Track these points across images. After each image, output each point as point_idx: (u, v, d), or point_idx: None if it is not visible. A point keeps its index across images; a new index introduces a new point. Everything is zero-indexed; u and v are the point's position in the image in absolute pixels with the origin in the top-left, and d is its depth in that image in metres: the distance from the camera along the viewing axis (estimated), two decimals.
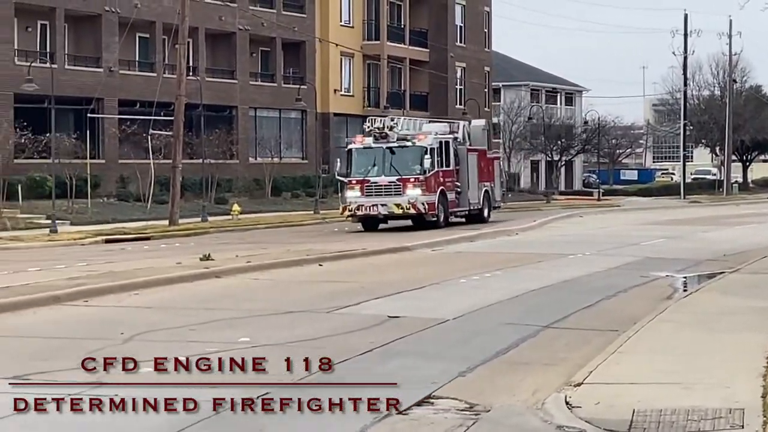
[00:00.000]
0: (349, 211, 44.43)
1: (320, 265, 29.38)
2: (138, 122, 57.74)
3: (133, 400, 11.90)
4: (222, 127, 64.35)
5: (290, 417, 11.41)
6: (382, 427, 10.65)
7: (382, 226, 45.88)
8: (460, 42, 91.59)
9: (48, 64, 55.61)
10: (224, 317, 19.67)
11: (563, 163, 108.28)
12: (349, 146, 46.74)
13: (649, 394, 11.92)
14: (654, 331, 17.42)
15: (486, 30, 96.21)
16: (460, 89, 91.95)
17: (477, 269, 29.38)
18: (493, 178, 51.37)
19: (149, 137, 55.75)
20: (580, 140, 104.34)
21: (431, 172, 44.05)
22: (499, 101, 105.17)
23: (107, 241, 40.43)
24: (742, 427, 10.48)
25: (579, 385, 12.49)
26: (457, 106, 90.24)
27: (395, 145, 44.32)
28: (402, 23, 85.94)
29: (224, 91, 63.19)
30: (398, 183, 43.65)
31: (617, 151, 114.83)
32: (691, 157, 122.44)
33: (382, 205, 43.46)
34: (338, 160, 48.31)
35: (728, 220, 56.65)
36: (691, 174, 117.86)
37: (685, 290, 25.49)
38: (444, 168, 46.11)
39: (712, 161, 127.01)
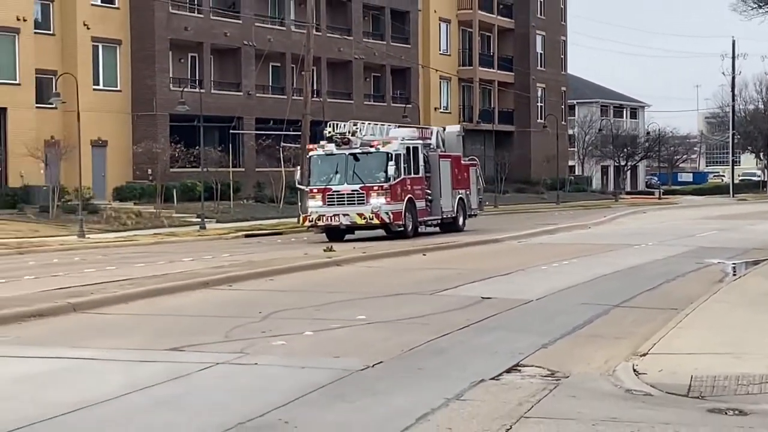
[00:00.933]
0: (310, 221, 36.17)
1: (424, 254, 29.32)
2: (271, 137, 58.56)
3: (270, 366, 12.20)
4: None
5: (400, 381, 11.45)
6: (478, 390, 10.52)
7: (348, 236, 37.32)
8: (540, 66, 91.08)
9: (197, 89, 56.77)
10: (343, 299, 19.63)
11: (629, 167, 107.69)
12: (310, 153, 37.65)
13: (705, 363, 11.78)
14: (708, 310, 17.15)
15: (562, 56, 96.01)
16: (541, 106, 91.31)
17: (556, 258, 29.03)
18: (468, 185, 42.25)
19: (281, 149, 56.33)
20: (643, 148, 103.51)
21: (397, 180, 35.65)
22: (574, 116, 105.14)
23: (246, 236, 41.07)
24: None
25: (644, 355, 12.37)
26: (538, 120, 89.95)
27: (358, 151, 36.06)
28: (491, 51, 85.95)
29: (343, 110, 63.48)
30: (361, 192, 35.40)
31: (675, 157, 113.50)
32: (739, 161, 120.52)
33: (344, 215, 35.27)
34: (297, 168, 39.44)
35: None
36: (739, 176, 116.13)
37: (734, 275, 24.95)
38: (412, 175, 37.51)
39: (756, 165, 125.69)
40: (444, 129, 43.58)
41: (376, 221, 34.36)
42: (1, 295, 19.40)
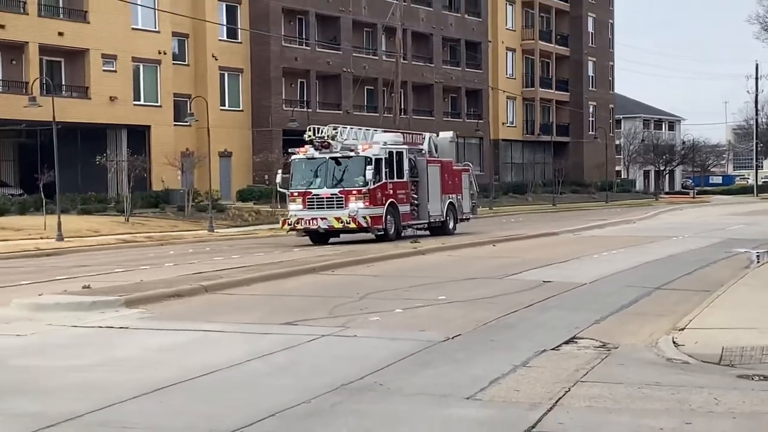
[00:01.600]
0: (288, 224, 30.78)
1: (494, 245, 28.96)
2: None
3: (367, 338, 12.24)
4: None
5: (475, 351, 11.40)
6: (541, 359, 10.45)
7: (333, 239, 31.97)
8: (592, 87, 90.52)
9: (305, 109, 57.72)
10: (427, 282, 19.36)
11: (666, 171, 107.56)
12: (292, 157, 32.27)
13: (734, 336, 11.45)
14: (736, 291, 16.59)
15: (610, 78, 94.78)
16: (592, 120, 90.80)
17: (605, 248, 28.23)
18: (460, 190, 36.32)
19: None
20: (680, 155, 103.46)
21: (377, 184, 30.13)
22: (620, 128, 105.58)
23: None
24: None
25: (683, 329, 12.05)
26: (590, 132, 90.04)
27: (338, 155, 30.61)
28: (550, 75, 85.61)
29: (425, 126, 63.49)
30: (340, 195, 30.04)
31: (707, 162, 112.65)
32: (762, 166, 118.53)
33: (322, 218, 30.07)
34: (279, 171, 33.69)
35: None
36: (762, 179, 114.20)
37: (758, 262, 24.33)
38: (395, 179, 31.78)
39: None
40: (437, 135, 38.47)
41: (352, 225, 29.13)
42: (147, 278, 19.67)
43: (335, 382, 8.68)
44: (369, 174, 28.60)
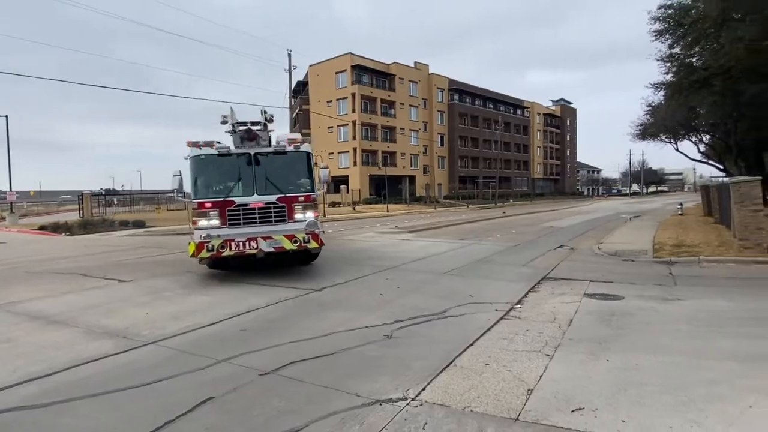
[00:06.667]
0: (209, 250, 11.16)
1: (504, 213, 31.64)
2: None
3: (485, 244, 16.46)
4: None
5: (525, 248, 15.77)
6: (549, 253, 14.63)
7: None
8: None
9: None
10: (495, 229, 23.50)
11: (597, 187, 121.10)
12: (193, 153, 11.81)
13: (621, 246, 15.58)
14: (621, 230, 21.13)
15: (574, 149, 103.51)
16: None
17: (571, 215, 33.17)
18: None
19: None
20: (602, 182, 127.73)
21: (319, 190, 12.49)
22: (578, 175, 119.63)
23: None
24: (646, 253, 14.07)
25: (602, 243, 16.58)
26: (567, 175, 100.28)
27: (269, 150, 12.14)
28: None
29: None
30: (280, 204, 11.83)
31: (612, 185, 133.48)
32: (631, 186, 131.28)
33: (265, 238, 11.46)
34: (173, 176, 11.92)
35: None
36: (631, 192, 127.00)
37: (630, 220, 27.99)
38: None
39: None
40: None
41: (314, 245, 11.84)
42: (416, 224, 25.29)
43: (477, 257, 13.74)
44: (323, 175, 13.22)
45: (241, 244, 11.16)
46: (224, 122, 11.94)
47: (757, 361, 6.20)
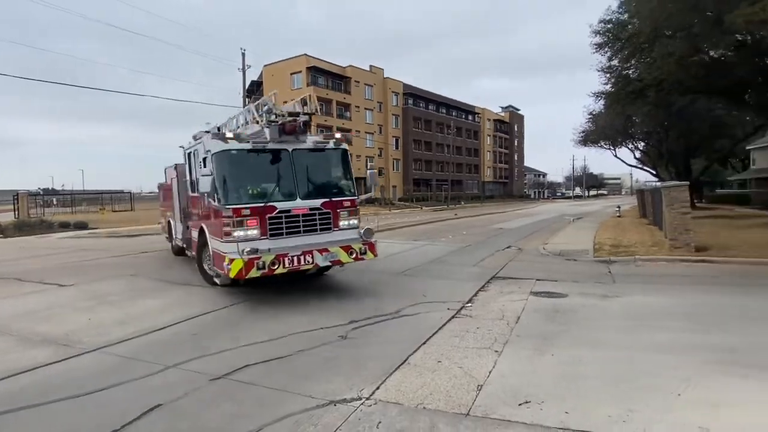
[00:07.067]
0: (259, 268, 8.37)
1: (456, 215, 31.90)
2: None
3: (437, 245, 16.46)
4: None
5: (478, 248, 16.23)
6: (498, 253, 14.92)
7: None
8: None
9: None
10: (448, 230, 23.36)
11: (544, 190, 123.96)
12: (220, 148, 8.89)
13: (563, 246, 15.92)
14: (564, 231, 21.52)
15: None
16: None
17: (518, 217, 33.54)
18: None
19: None
20: (547, 185, 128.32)
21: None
22: (526, 178, 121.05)
23: None
24: (588, 253, 14.48)
25: (546, 244, 16.84)
26: (516, 179, 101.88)
27: (309, 146, 9.52)
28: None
29: None
30: (325, 210, 9.43)
31: (557, 189, 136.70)
32: (574, 190, 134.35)
33: (321, 250, 8.98)
34: (202, 176, 8.79)
35: None
36: (574, 195, 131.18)
37: (573, 221, 28.50)
38: None
39: None
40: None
41: (370, 256, 9.59)
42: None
43: (431, 258, 13.91)
44: (371, 177, 10.48)
45: (295, 259, 8.73)
46: (254, 106, 10.03)
47: (687, 353, 6.45)
